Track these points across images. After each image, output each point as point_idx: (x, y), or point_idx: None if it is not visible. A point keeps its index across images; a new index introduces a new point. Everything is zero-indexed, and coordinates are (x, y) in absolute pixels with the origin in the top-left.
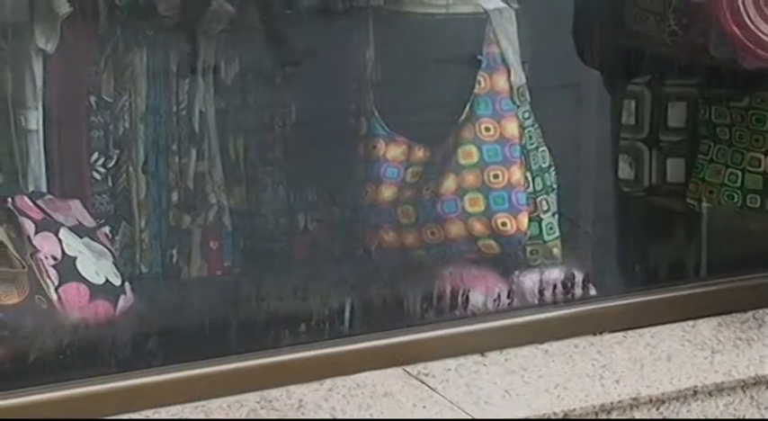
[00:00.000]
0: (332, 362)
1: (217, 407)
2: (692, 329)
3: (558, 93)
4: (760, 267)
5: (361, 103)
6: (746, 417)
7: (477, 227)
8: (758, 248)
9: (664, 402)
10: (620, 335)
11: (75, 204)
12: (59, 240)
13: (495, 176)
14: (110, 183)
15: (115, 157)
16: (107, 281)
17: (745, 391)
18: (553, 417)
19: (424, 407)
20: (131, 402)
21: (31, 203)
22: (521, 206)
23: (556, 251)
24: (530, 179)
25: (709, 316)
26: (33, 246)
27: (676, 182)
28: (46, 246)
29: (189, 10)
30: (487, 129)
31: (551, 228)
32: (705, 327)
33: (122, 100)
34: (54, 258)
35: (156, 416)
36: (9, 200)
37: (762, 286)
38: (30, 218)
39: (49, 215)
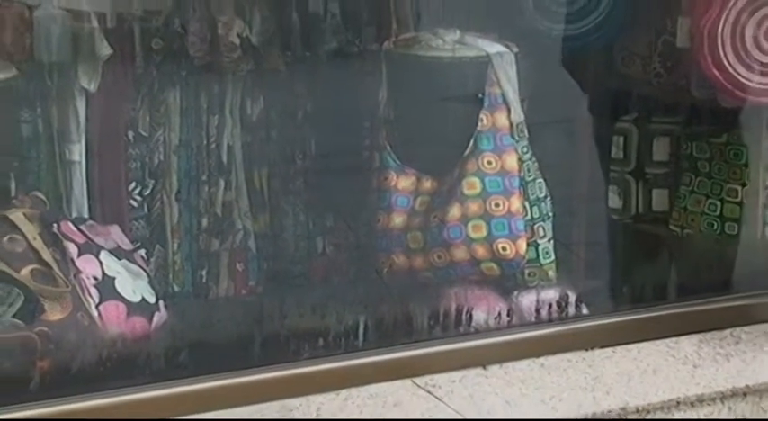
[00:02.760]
0: (347, 374)
1: (241, 415)
2: (676, 345)
3: (553, 129)
4: (737, 289)
5: (375, 138)
6: None
7: (480, 251)
8: (735, 272)
9: (649, 412)
10: (609, 350)
11: (115, 229)
12: (100, 262)
13: (497, 205)
14: (146, 210)
15: (151, 186)
16: (143, 299)
17: (723, 402)
18: None
19: (431, 416)
20: (163, 411)
21: (74, 228)
22: (519, 232)
23: (551, 273)
24: (528, 208)
25: (690, 333)
26: (76, 267)
27: (661, 210)
28: (87, 267)
29: (217, 52)
30: (489, 163)
31: (547, 253)
32: (687, 344)
33: (157, 134)
34: (95, 278)
35: None
36: (54, 225)
37: (739, 306)
38: (73, 241)
39: (90, 239)
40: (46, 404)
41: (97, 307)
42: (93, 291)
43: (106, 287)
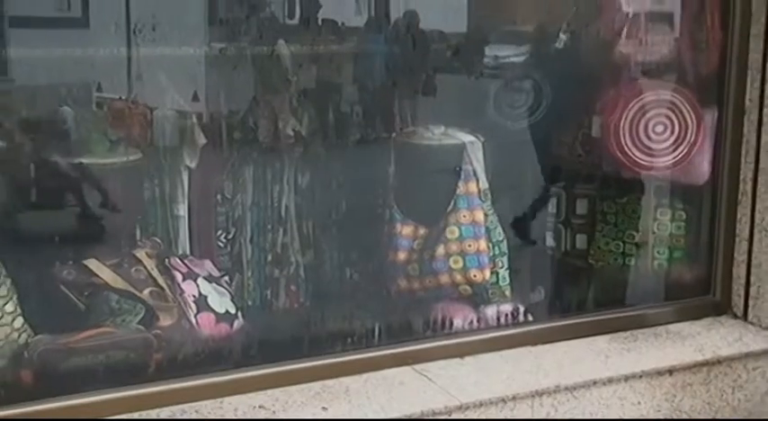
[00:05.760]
0: (367, 363)
1: (294, 391)
2: (593, 342)
3: (508, 193)
4: (634, 303)
5: (386, 200)
6: (627, 399)
7: (458, 277)
8: (633, 291)
9: (575, 389)
10: (548, 346)
11: (207, 262)
12: (197, 285)
13: (469, 246)
14: (229, 249)
15: (232, 233)
16: (227, 311)
17: (626, 382)
18: (506, 398)
19: (425, 392)
20: (240, 389)
21: (179, 262)
22: (485, 264)
23: (507, 293)
24: (491, 247)
25: (603, 334)
26: (181, 288)
27: (582, 249)
28: (188, 288)
29: (278, 140)
30: (464, 216)
31: (504, 278)
32: (601, 341)
33: (237, 197)
34: (193, 296)
35: (250, 400)
36: (166, 259)
37: (635, 315)
38: (179, 271)
39: (190, 269)
40: (160, 384)
41: (195, 316)
42: (193, 306)
43: (201, 302)
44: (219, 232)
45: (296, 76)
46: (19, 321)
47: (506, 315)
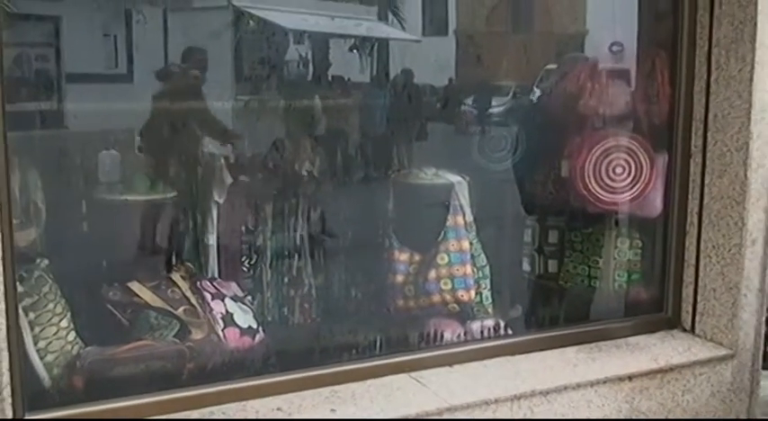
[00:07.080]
0: (369, 370)
1: (307, 395)
2: (563, 353)
3: (490, 224)
4: (598, 319)
5: (385, 230)
6: (593, 401)
7: (448, 297)
8: (597, 309)
9: (548, 393)
10: (524, 356)
11: (233, 284)
12: (224, 304)
13: (457, 270)
14: (251, 273)
15: (255, 259)
16: (249, 326)
17: (592, 387)
18: (489, 401)
19: (420, 395)
20: (261, 393)
21: (209, 284)
22: (471, 286)
23: (490, 310)
24: (475, 271)
25: (572, 345)
26: (210, 307)
27: (554, 272)
28: (217, 307)
29: (294, 179)
30: (453, 245)
31: (487, 298)
32: (570, 352)
33: (259, 228)
34: (221, 313)
35: (269, 403)
36: (198, 282)
37: (599, 329)
38: (208, 292)
39: (219, 290)
40: (192, 389)
41: (222, 331)
42: (220, 321)
43: (228, 319)
44: (243, 258)
45: (315, 124)
46: (72, 335)
47: (489, 329)
